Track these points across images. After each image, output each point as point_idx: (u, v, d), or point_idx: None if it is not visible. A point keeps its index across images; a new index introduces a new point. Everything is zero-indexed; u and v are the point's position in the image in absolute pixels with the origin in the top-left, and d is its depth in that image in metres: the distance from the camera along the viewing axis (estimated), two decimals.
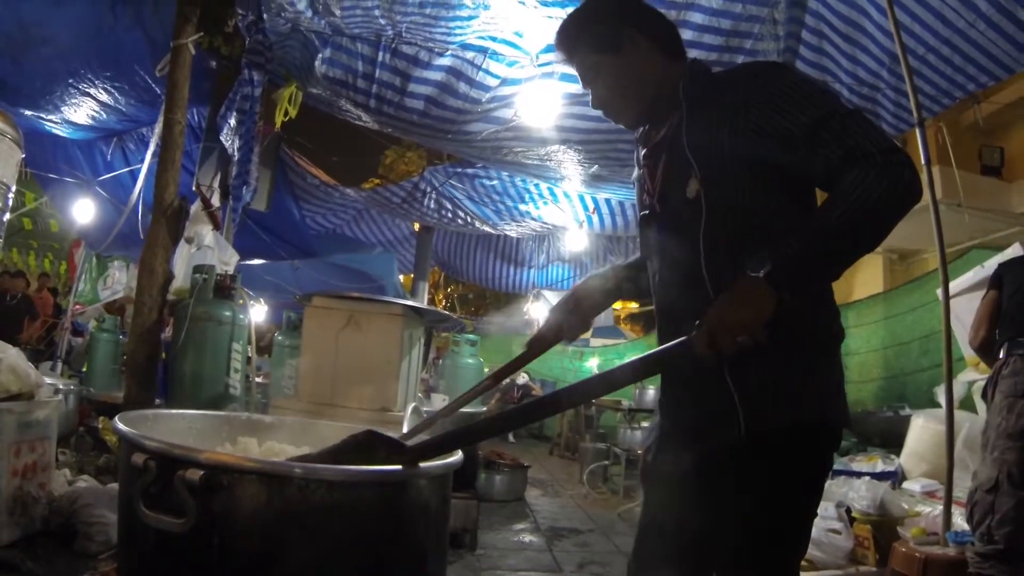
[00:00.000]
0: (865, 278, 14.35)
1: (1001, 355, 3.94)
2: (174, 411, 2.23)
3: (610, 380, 1.74)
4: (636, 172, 2.14)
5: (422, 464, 1.66)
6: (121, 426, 1.65)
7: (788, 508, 1.78)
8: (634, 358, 1.73)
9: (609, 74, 2.00)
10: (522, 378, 15.59)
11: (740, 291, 1.59)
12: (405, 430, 2.33)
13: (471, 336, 10.90)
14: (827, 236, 1.63)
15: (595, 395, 1.81)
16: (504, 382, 14.95)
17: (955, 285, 5.70)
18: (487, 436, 1.93)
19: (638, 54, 1.97)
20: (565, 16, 2.09)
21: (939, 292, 4.82)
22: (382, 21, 5.52)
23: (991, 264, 5.76)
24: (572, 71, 2.11)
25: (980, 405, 4.23)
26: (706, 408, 1.82)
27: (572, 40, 2.05)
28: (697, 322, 1.60)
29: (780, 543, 1.78)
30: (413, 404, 2.59)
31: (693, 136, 1.85)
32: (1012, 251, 5.62)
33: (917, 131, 4.66)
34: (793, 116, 1.71)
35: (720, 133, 1.80)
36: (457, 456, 1.81)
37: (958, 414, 4.54)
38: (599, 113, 2.13)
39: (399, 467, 1.62)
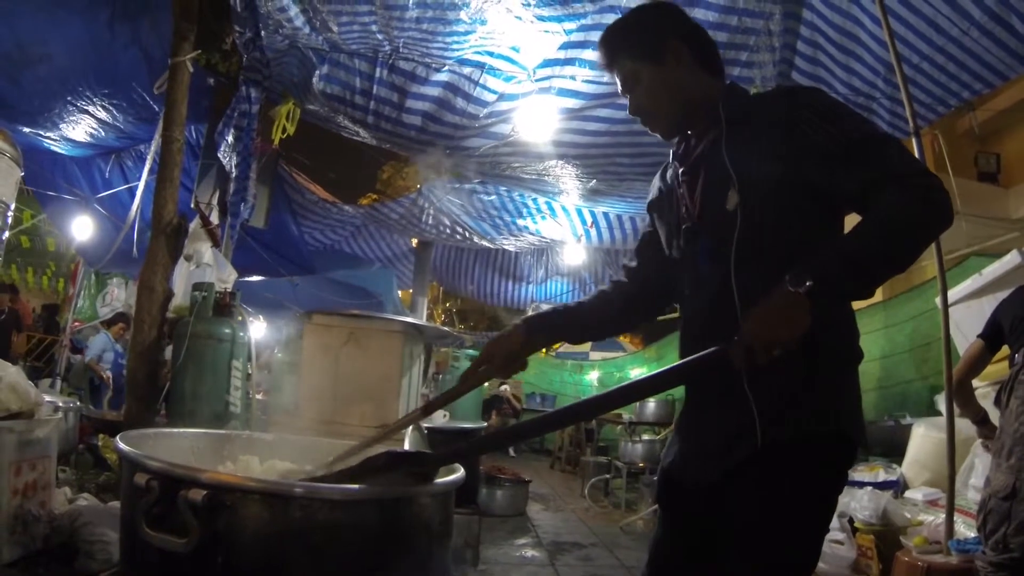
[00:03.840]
0: None
1: (1017, 359, 3.91)
2: (175, 430, 2.23)
3: (639, 389, 1.80)
4: (658, 190, 2.18)
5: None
6: (123, 446, 1.65)
7: (803, 522, 1.78)
8: (666, 367, 1.75)
9: (650, 83, 2.02)
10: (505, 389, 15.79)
11: (779, 306, 1.60)
12: (407, 446, 2.33)
13: (471, 351, 10.91)
14: (863, 255, 1.65)
15: (625, 403, 1.84)
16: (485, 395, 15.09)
17: (954, 293, 5.69)
18: (522, 439, 1.93)
19: (681, 66, 1.99)
20: (562, 32, 2.12)
21: (938, 300, 4.82)
22: (379, 37, 5.54)
23: (989, 271, 5.76)
24: (569, 86, 2.15)
25: (991, 412, 4.18)
26: (728, 424, 1.82)
27: (616, 46, 2.07)
28: (736, 337, 1.61)
29: (794, 557, 1.77)
30: None
31: (733, 150, 1.87)
32: (1010, 258, 5.61)
33: (913, 140, 4.68)
34: (831, 136, 1.75)
35: (759, 149, 1.83)
36: (459, 473, 1.82)
37: (959, 422, 4.53)
38: (596, 128, 2.17)
39: (401, 486, 1.63)
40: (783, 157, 1.79)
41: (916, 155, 4.62)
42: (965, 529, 4.50)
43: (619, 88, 2.11)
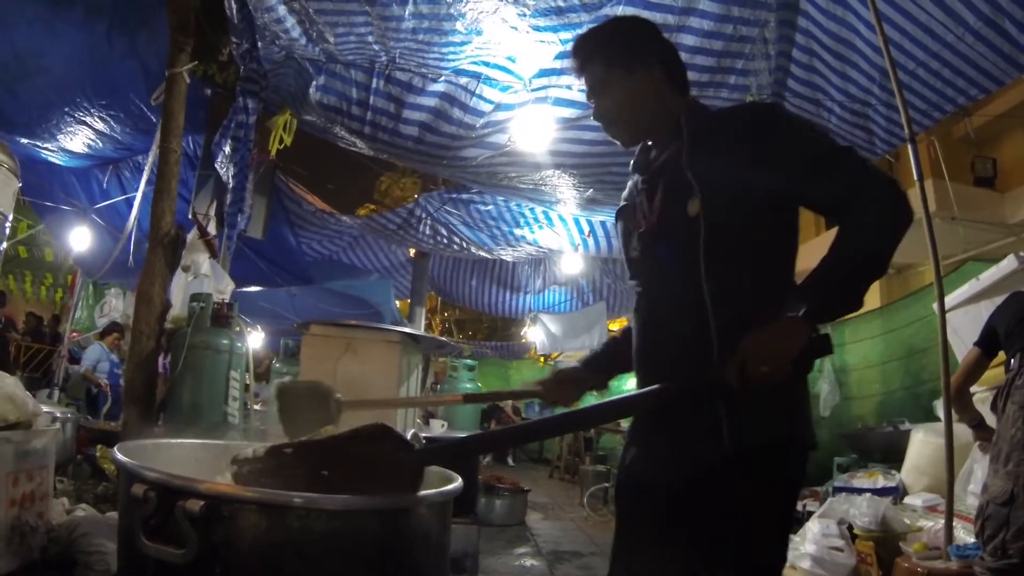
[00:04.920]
0: None
1: (1012, 365, 3.92)
2: (173, 441, 2.23)
3: (626, 407, 1.90)
4: (626, 200, 2.24)
5: (423, 492, 1.67)
6: (120, 456, 1.65)
7: (770, 524, 1.84)
8: (655, 388, 1.80)
9: (618, 91, 2.08)
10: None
11: (778, 326, 1.70)
12: None
13: (469, 361, 10.90)
14: (850, 270, 1.78)
15: (610, 419, 1.88)
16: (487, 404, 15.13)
17: (951, 299, 5.70)
18: (496, 448, 1.96)
19: (650, 78, 2.07)
20: (558, 42, 2.16)
21: (935, 306, 4.82)
22: (375, 47, 5.55)
23: (986, 276, 5.77)
24: (566, 96, 2.21)
25: (988, 417, 4.20)
26: (690, 429, 1.88)
27: (591, 51, 2.13)
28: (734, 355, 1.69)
29: (762, 559, 1.82)
30: (412, 431, 2.59)
31: (694, 161, 1.94)
32: (1007, 263, 5.62)
33: (909, 146, 4.69)
34: (796, 150, 1.87)
35: (721, 160, 1.90)
36: (457, 482, 1.82)
37: (957, 427, 4.52)
38: (593, 137, 2.23)
39: (400, 493, 1.63)
40: (746, 168, 1.87)
41: (913, 161, 4.65)
42: (965, 535, 4.50)
43: (586, 93, 2.17)
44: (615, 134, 2.19)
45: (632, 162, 2.23)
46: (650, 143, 2.17)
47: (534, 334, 14.01)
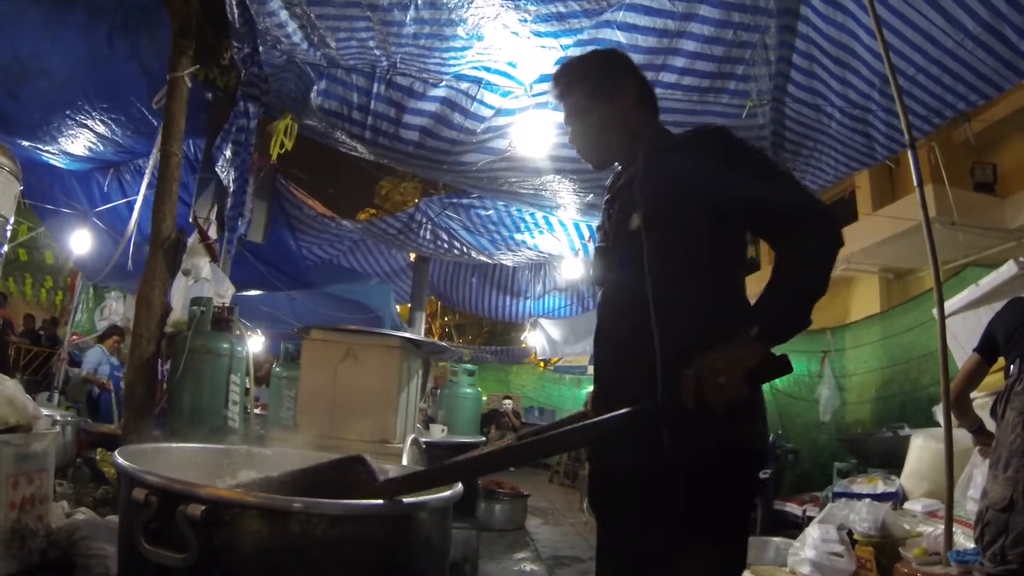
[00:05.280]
0: (862, 298, 14.33)
1: (1012, 371, 3.92)
2: (174, 445, 2.23)
3: (600, 430, 1.87)
4: (600, 219, 2.39)
5: (423, 497, 1.68)
6: (121, 460, 1.65)
7: (715, 525, 1.88)
8: (625, 412, 1.79)
9: (594, 118, 2.26)
10: (508, 404, 15.83)
11: (731, 344, 1.75)
12: (405, 462, 2.34)
13: (469, 366, 10.87)
14: (795, 296, 1.85)
15: (586, 443, 1.95)
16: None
17: (951, 304, 5.70)
18: (462, 478, 1.99)
19: (624, 107, 2.24)
20: (559, 48, 2.21)
21: (935, 312, 4.82)
22: (377, 52, 5.55)
23: (986, 282, 5.77)
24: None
25: (988, 422, 4.20)
26: (635, 433, 1.93)
27: (571, 81, 2.29)
28: (688, 370, 1.74)
29: (716, 557, 1.87)
30: (412, 436, 2.59)
31: (644, 181, 2.10)
32: (1007, 268, 5.62)
33: (909, 152, 4.70)
34: (737, 168, 1.97)
35: (668, 178, 2.05)
36: (456, 488, 1.82)
37: (957, 433, 4.52)
38: None
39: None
40: (690, 186, 2.00)
41: (913, 166, 4.66)
42: (964, 540, 4.49)
43: (564, 118, 2.36)
44: (588, 158, 2.36)
45: (606, 185, 2.39)
46: (620, 167, 2.32)
47: (534, 339, 14.01)
